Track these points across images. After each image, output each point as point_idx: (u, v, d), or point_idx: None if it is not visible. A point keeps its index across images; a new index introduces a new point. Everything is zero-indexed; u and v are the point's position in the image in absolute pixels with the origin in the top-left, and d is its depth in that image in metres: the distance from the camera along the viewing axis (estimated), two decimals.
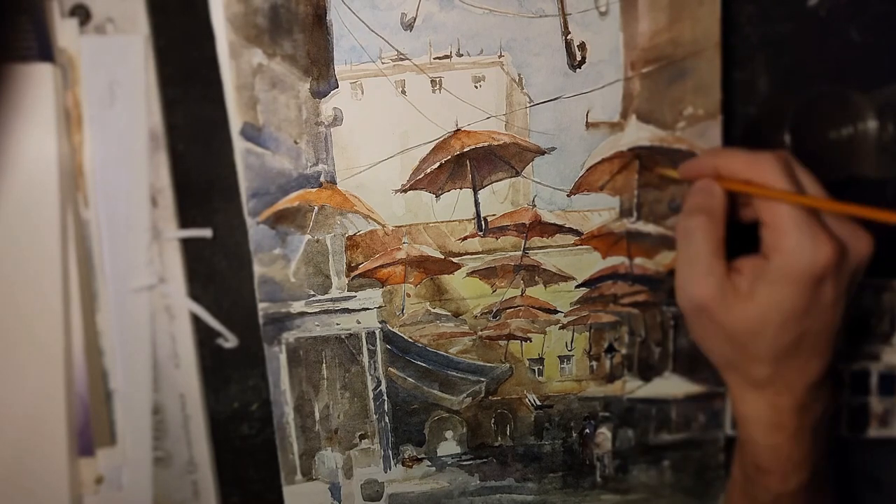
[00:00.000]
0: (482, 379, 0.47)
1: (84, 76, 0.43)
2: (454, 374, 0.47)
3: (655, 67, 0.44)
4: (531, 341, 0.47)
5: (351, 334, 0.46)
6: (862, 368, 0.49)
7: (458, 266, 0.46)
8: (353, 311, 0.46)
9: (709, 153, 0.41)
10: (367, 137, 0.44)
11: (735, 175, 0.38)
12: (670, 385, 0.48)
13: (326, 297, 0.45)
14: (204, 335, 0.46)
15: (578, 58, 0.44)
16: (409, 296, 0.46)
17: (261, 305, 0.45)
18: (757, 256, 0.38)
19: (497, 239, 0.46)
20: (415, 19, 0.43)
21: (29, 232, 0.43)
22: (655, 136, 0.45)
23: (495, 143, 0.45)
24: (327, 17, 0.43)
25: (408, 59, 0.44)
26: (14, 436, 0.43)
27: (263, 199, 0.44)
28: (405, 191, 0.45)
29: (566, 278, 0.46)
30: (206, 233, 0.46)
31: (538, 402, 0.48)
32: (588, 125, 0.45)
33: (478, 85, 0.44)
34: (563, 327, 0.47)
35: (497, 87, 0.44)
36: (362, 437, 0.47)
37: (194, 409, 0.46)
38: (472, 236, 0.46)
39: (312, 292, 0.45)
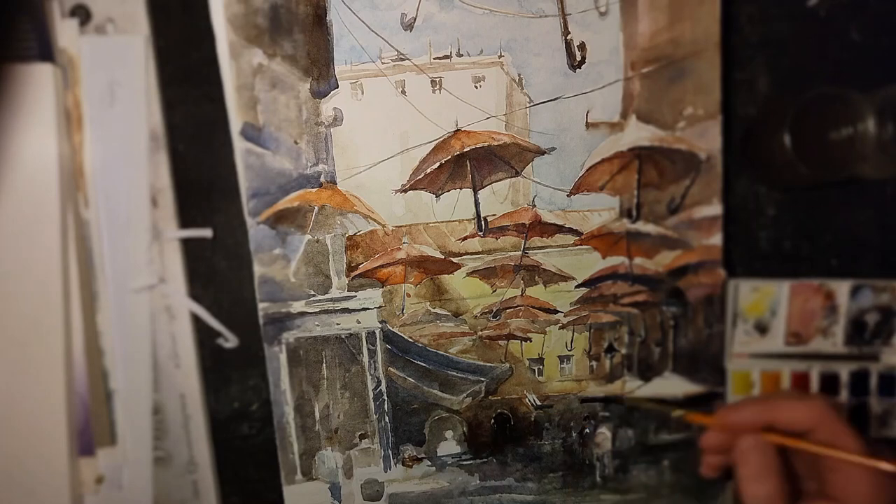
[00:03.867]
0: (482, 379, 0.47)
1: (84, 76, 0.43)
2: (454, 373, 0.47)
3: (655, 67, 0.44)
4: (531, 341, 0.47)
5: (351, 334, 0.46)
6: (862, 369, 0.49)
7: (458, 266, 0.46)
8: (354, 310, 0.46)
9: (753, 405, 0.38)
10: (367, 137, 0.44)
11: (792, 425, 0.36)
12: (670, 385, 0.48)
13: (326, 296, 0.45)
14: (204, 335, 0.46)
15: (578, 58, 0.44)
16: (409, 296, 0.46)
17: (261, 305, 0.45)
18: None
19: (497, 239, 0.46)
20: (415, 19, 0.43)
21: (29, 232, 0.43)
22: (655, 136, 0.45)
23: (495, 143, 0.45)
24: (327, 18, 0.43)
25: (408, 59, 0.44)
26: (15, 435, 0.43)
27: (263, 199, 0.44)
28: (405, 191, 0.45)
29: (566, 278, 0.46)
30: (206, 233, 0.46)
31: (538, 402, 0.48)
32: (588, 125, 0.45)
33: (478, 85, 0.44)
34: (563, 327, 0.47)
35: (497, 88, 0.44)
36: (362, 436, 0.47)
37: (194, 409, 0.46)
38: (472, 236, 0.46)
39: (312, 292, 0.45)
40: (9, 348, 0.43)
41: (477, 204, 0.45)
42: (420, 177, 0.45)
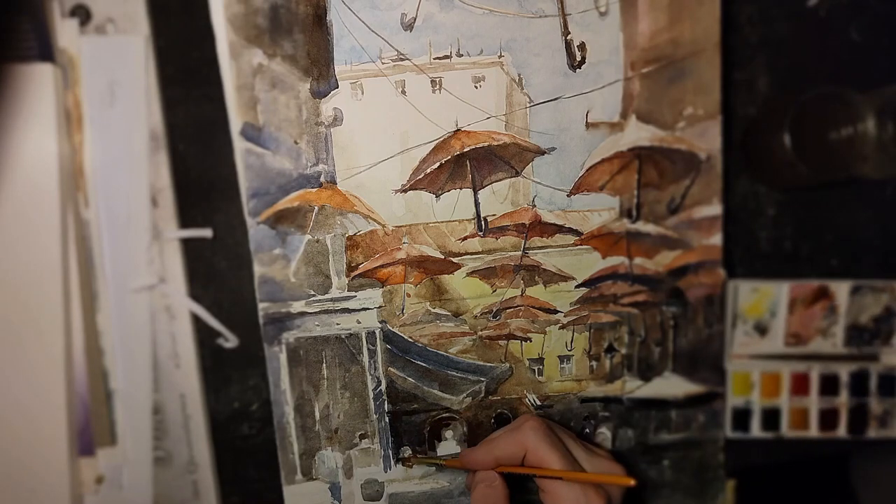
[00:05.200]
0: (482, 379, 0.47)
1: (84, 76, 0.43)
2: (454, 373, 0.47)
3: (655, 67, 0.44)
4: (531, 341, 0.47)
5: (351, 334, 0.46)
6: (861, 369, 0.49)
7: (458, 266, 0.46)
8: (354, 310, 0.46)
9: (485, 445, 0.43)
10: (367, 137, 0.44)
11: (512, 457, 0.41)
12: (670, 385, 0.48)
13: (326, 296, 0.45)
14: (204, 335, 0.46)
15: (578, 58, 0.44)
16: (409, 296, 0.46)
17: (261, 305, 0.45)
18: None
19: (497, 239, 0.46)
20: (415, 19, 0.43)
21: (29, 232, 0.43)
22: (655, 136, 0.45)
23: (495, 143, 0.45)
24: (327, 18, 0.43)
25: (408, 59, 0.44)
26: (15, 435, 0.43)
27: (263, 199, 0.44)
28: (405, 191, 0.45)
29: (566, 278, 0.46)
30: (206, 233, 0.46)
31: (538, 402, 0.48)
32: (588, 125, 0.45)
33: (478, 85, 0.44)
34: (563, 327, 0.47)
35: (497, 88, 0.44)
36: (362, 436, 0.47)
37: (194, 409, 0.46)
38: (472, 236, 0.46)
39: (312, 292, 0.45)
40: (10, 348, 0.43)
41: (477, 204, 0.45)
42: (420, 177, 0.45)
